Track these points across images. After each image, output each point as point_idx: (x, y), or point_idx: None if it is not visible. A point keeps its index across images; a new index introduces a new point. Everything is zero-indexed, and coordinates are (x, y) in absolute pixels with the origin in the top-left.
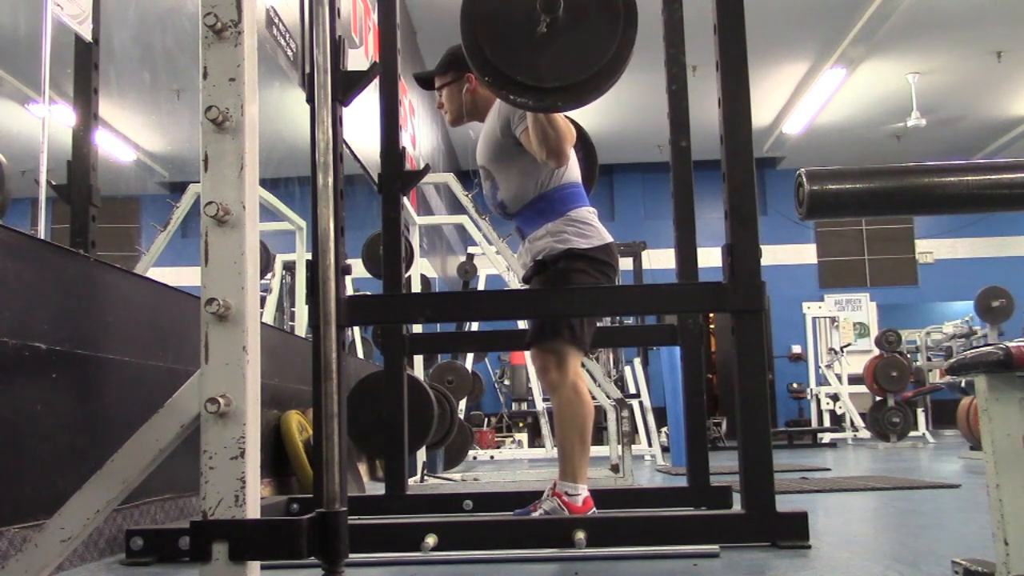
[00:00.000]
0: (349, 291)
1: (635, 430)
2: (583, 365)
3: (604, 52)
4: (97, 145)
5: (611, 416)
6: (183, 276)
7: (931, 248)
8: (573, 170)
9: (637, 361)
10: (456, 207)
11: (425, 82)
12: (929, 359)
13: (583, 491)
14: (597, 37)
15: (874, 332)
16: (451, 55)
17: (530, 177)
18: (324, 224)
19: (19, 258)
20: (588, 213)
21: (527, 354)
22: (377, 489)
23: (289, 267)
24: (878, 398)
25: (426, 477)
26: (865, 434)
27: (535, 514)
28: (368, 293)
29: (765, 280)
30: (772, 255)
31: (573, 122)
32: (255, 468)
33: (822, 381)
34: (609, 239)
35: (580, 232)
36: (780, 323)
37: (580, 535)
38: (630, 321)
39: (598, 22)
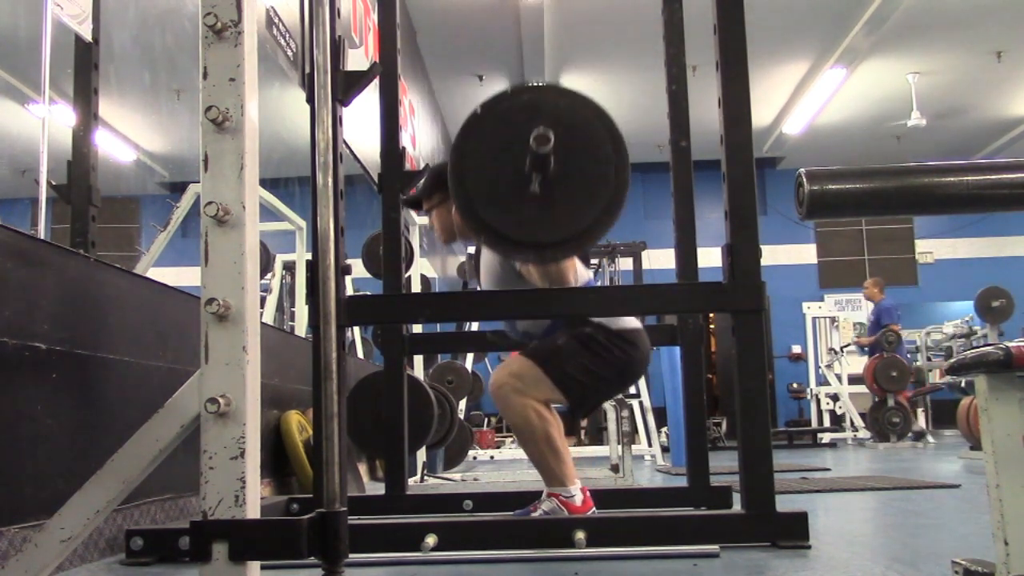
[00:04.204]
0: (349, 291)
1: (635, 430)
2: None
3: (599, 200)
4: (97, 145)
5: (611, 416)
6: (183, 276)
7: (931, 248)
8: (580, 269)
9: None
10: None
11: (413, 204)
12: (929, 359)
13: (576, 491)
14: (591, 186)
15: None
16: (436, 176)
17: None
18: (324, 224)
19: (19, 258)
20: None
21: None
22: (377, 489)
23: (289, 267)
24: (878, 398)
25: (426, 477)
26: (865, 434)
27: (535, 514)
28: (368, 293)
29: (765, 280)
30: (772, 255)
31: None
32: (255, 468)
33: (822, 381)
34: (639, 325)
35: (611, 319)
36: (780, 323)
37: (580, 535)
38: None
39: (590, 170)
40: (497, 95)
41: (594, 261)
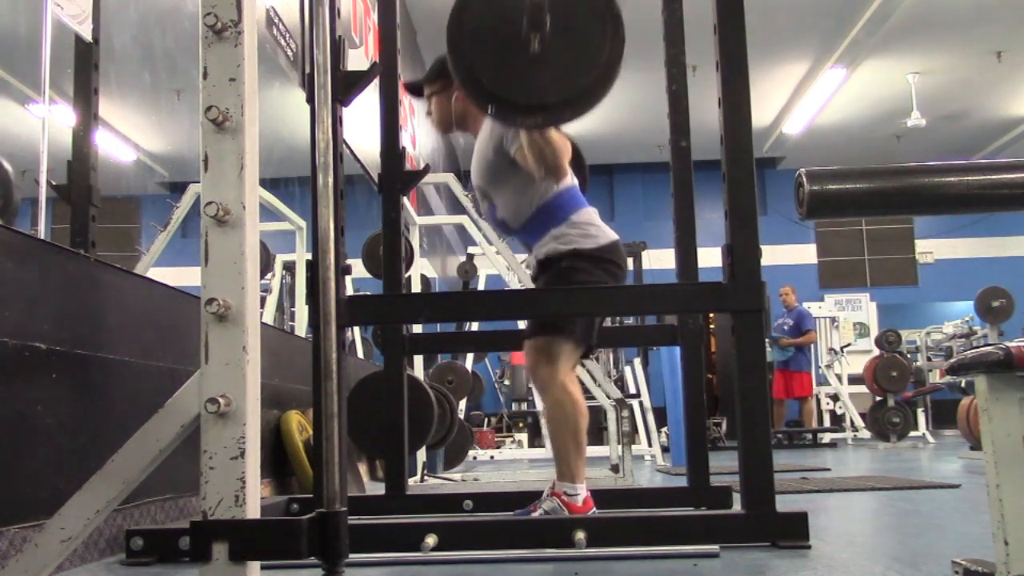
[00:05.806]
0: (349, 291)
1: (635, 430)
2: (583, 365)
3: (600, 55)
4: (97, 145)
5: (611, 416)
6: (183, 276)
7: (931, 248)
8: (568, 174)
9: (637, 361)
10: (456, 207)
11: (415, 90)
12: (929, 359)
13: (582, 490)
14: (589, 42)
15: (874, 332)
16: (441, 63)
17: (527, 192)
18: (324, 224)
19: (19, 258)
20: (590, 214)
21: None
22: (377, 489)
23: (289, 267)
24: (878, 398)
25: (426, 477)
26: (865, 434)
27: (535, 514)
28: (368, 293)
29: (765, 280)
30: (772, 255)
31: None
32: (255, 468)
33: (822, 381)
34: (614, 237)
35: (584, 233)
36: None
37: (580, 535)
38: (630, 321)
39: (586, 27)
40: None
41: None
